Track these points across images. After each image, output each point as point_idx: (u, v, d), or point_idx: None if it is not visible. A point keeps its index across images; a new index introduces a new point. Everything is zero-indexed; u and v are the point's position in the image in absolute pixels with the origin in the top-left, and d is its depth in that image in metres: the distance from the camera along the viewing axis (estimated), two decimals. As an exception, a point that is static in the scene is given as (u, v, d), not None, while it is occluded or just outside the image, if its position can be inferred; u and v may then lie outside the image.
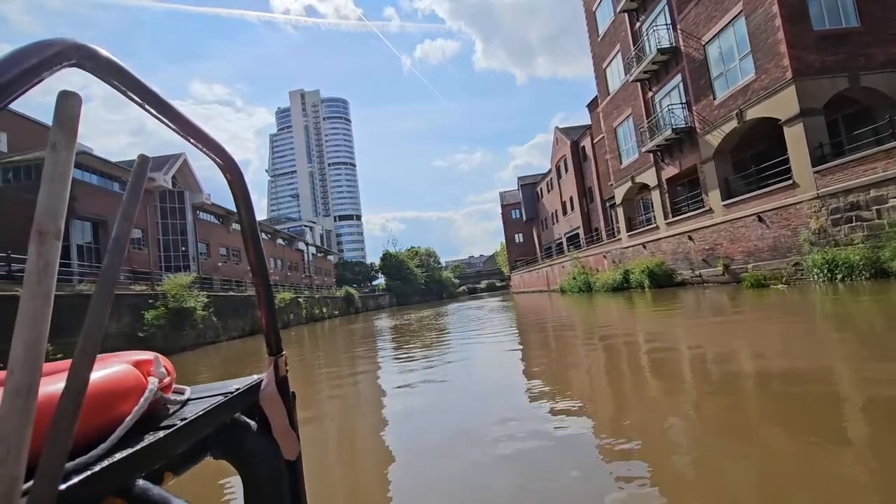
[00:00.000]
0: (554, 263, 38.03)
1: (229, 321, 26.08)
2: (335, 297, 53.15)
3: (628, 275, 21.74)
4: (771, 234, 13.58)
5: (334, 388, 6.98)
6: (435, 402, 5.12)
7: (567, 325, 11.51)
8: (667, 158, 19.22)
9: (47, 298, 0.43)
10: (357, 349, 12.27)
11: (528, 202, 52.07)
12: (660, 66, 18.49)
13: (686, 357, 5.80)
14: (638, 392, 4.43)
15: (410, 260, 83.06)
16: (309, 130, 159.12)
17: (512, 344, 9.51)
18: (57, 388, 0.52)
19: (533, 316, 15.78)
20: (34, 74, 0.42)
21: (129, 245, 0.76)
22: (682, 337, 7.25)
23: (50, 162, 0.44)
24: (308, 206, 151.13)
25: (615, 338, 8.04)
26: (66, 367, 0.54)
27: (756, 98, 13.73)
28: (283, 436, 0.91)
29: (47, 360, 0.48)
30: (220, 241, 41.58)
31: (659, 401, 4.00)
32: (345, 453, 3.93)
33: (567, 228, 39.66)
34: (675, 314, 10.52)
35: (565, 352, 7.55)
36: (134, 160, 0.65)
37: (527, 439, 3.26)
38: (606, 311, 13.99)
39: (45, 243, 0.43)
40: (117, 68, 0.53)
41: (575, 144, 35.84)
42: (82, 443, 0.58)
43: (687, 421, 3.39)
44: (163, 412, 0.77)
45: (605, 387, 4.87)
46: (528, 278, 49.27)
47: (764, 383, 4.12)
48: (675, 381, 4.61)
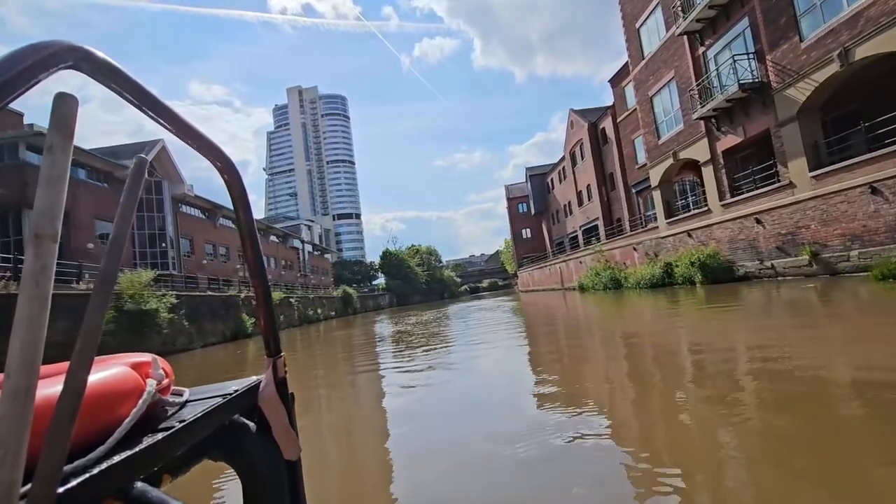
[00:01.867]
0: (569, 259, 34.70)
1: (206, 325, 22.75)
2: (332, 298, 49.83)
3: (671, 269, 18.44)
4: (893, 211, 10.26)
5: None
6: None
7: (635, 338, 8.21)
8: (724, 125, 15.88)
9: (45, 300, 0.43)
10: (337, 372, 8.94)
11: (536, 195, 48.71)
12: (718, 11, 15.14)
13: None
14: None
15: (411, 258, 79.69)
16: (307, 128, 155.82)
17: (544, 359, 6.22)
18: (55, 391, 0.51)
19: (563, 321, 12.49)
20: (30, 76, 0.42)
21: (125, 245, 0.57)
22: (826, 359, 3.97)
23: (47, 164, 0.45)
24: (306, 204, 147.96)
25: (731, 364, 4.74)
26: (63, 370, 0.52)
27: (873, 29, 10.40)
28: (283, 437, 0.89)
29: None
30: (206, 237, 38.29)
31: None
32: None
33: (583, 220, 36.32)
34: (779, 323, 7.20)
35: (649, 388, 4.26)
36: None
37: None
38: (669, 315, 10.69)
39: (41, 245, 0.43)
40: (114, 70, 0.53)
41: (593, 127, 32.50)
42: (80, 445, 0.58)
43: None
44: (161, 414, 0.76)
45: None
46: (537, 276, 45.93)
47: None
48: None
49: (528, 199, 51.70)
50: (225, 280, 38.99)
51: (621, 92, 26.83)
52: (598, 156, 32.43)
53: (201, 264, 36.56)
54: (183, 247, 34.62)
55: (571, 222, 39.99)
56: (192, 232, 35.49)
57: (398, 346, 10.97)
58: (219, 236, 40.47)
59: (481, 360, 7.35)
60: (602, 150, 32.16)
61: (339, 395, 6.40)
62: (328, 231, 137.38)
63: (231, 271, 41.84)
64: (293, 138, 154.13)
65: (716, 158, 16.52)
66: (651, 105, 20.22)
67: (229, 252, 41.96)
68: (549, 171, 46.30)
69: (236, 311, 26.07)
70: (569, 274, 35.02)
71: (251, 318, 26.97)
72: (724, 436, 2.85)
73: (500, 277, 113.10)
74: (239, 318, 25.99)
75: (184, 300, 20.58)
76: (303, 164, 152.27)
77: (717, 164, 16.51)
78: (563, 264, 36.07)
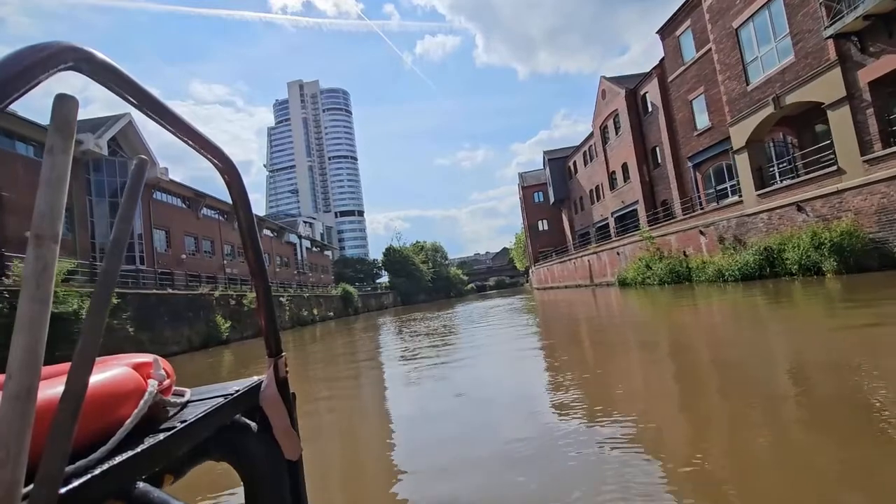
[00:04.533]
0: (601, 250, 29.88)
1: (165, 331, 18.09)
2: (330, 297, 45.23)
3: (773, 254, 13.63)
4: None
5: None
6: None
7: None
8: (876, 42, 11.05)
9: (45, 302, 0.43)
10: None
11: (556, 181, 43.78)
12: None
13: None
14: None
15: (416, 255, 74.90)
16: (308, 123, 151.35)
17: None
18: (56, 392, 0.51)
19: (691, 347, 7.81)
20: (31, 77, 0.42)
21: (126, 247, 0.57)
22: None
23: (47, 166, 0.45)
24: (308, 201, 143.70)
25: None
26: (65, 371, 0.52)
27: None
28: (285, 437, 0.89)
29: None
30: (186, 228, 33.78)
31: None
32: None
33: (617, 205, 31.44)
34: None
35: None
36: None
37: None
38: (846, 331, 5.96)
39: (42, 247, 0.43)
40: (114, 71, 0.53)
41: (632, 94, 27.63)
42: (82, 446, 0.58)
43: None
44: (163, 415, 0.76)
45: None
46: (558, 271, 41.10)
47: None
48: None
49: (547, 186, 46.75)
50: (209, 277, 34.44)
51: (674, 43, 21.97)
52: (637, 128, 27.55)
53: (180, 259, 32.02)
54: (157, 239, 30.09)
55: (600, 209, 35.12)
56: (167, 223, 30.94)
57: (412, 391, 6.35)
58: (202, 228, 35.91)
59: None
60: (643, 121, 27.29)
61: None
62: (330, 229, 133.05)
63: (217, 267, 37.27)
64: (294, 134, 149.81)
65: (856, 95, 11.66)
66: (737, 39, 15.33)
67: (214, 246, 37.42)
68: (571, 154, 41.40)
69: (208, 314, 21.45)
70: (601, 267, 30.20)
71: (228, 321, 22.37)
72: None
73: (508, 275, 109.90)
74: (212, 322, 21.37)
75: (129, 300, 15.97)
76: (304, 161, 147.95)
77: (857, 104, 11.66)
78: (594, 256, 31.22)
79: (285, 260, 50.75)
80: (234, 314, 24.19)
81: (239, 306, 24.88)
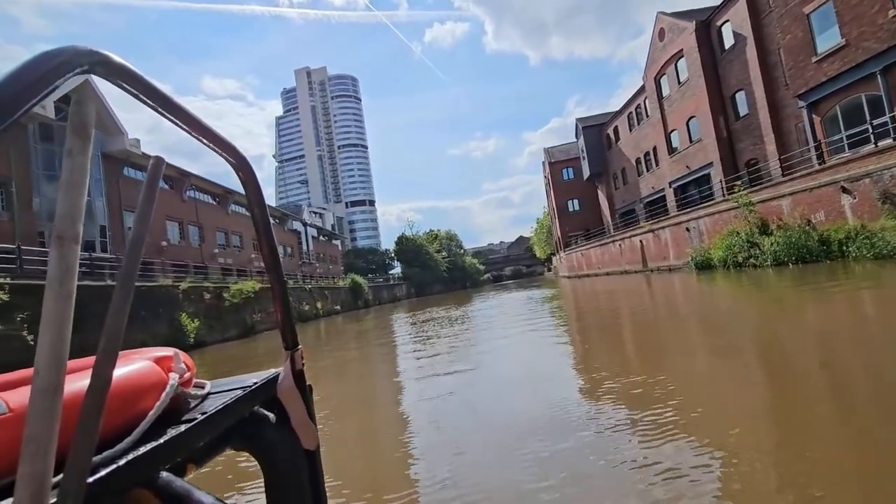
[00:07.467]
0: (660, 227, 24.31)
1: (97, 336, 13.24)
2: (338, 289, 40.47)
3: None
4: None
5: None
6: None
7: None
8: None
9: (69, 300, 0.44)
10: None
11: (592, 152, 38.03)
12: None
13: None
14: None
15: (430, 244, 69.74)
16: (317, 111, 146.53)
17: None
18: (82, 386, 0.53)
19: None
20: (47, 82, 0.43)
21: (144, 245, 0.59)
22: None
23: (67, 168, 0.46)
24: (318, 191, 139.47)
25: None
26: (89, 365, 0.54)
27: None
28: (302, 427, 0.91)
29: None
30: (168, 212, 29.25)
31: None
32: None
33: (678, 172, 25.77)
34: None
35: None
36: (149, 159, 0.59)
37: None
38: None
39: (64, 247, 0.44)
40: (129, 73, 0.54)
41: (704, 28, 21.83)
42: (108, 438, 0.60)
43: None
44: (184, 406, 0.78)
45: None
46: (595, 255, 35.55)
47: None
48: None
49: (580, 159, 41.00)
50: (197, 267, 29.90)
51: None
52: (712, 71, 21.77)
53: (159, 247, 27.47)
54: (130, 223, 25.51)
55: (651, 180, 29.44)
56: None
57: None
58: (187, 212, 31.27)
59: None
60: (718, 60, 21.51)
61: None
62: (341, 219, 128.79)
63: (208, 257, 32.72)
64: (302, 123, 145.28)
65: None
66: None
67: (203, 233, 32.83)
68: (610, 120, 35.61)
69: (171, 312, 16.67)
70: (659, 249, 24.65)
71: (197, 319, 17.59)
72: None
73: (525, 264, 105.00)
74: (175, 322, 16.58)
75: (31, 290, 11.15)
76: (313, 150, 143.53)
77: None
78: (650, 235, 25.64)
79: (289, 249, 46.19)
80: (212, 311, 19.46)
81: (218, 301, 20.14)
